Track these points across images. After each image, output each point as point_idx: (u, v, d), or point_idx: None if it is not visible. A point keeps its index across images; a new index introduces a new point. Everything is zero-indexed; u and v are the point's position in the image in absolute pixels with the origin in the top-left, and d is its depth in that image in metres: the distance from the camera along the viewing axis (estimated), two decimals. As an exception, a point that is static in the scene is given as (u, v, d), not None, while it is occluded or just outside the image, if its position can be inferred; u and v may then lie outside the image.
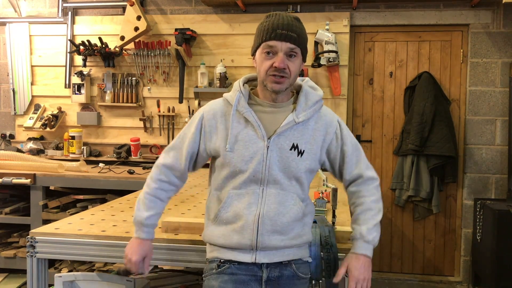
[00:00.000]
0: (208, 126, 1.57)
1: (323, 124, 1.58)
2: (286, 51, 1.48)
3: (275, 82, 1.49)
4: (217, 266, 1.54)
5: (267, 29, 1.49)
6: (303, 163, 1.53)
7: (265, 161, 1.50)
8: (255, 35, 1.55)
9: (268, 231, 1.49)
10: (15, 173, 3.54)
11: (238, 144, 1.52)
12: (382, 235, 4.19)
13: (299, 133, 1.53)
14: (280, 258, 1.53)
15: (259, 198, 1.51)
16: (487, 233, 3.52)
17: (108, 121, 4.34)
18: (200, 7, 4.19)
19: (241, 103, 1.54)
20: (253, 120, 1.52)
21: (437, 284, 4.00)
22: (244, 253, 1.51)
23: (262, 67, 1.50)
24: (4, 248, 3.67)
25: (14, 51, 4.40)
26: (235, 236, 1.50)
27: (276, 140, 1.51)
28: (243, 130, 1.52)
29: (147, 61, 4.22)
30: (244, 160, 1.50)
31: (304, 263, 1.60)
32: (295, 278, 1.55)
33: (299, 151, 1.52)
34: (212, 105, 1.61)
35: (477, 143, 3.93)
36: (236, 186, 1.52)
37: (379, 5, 3.97)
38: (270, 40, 1.48)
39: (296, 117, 1.52)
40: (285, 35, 1.47)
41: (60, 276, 1.94)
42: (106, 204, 2.53)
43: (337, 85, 3.93)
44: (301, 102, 1.55)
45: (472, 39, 3.90)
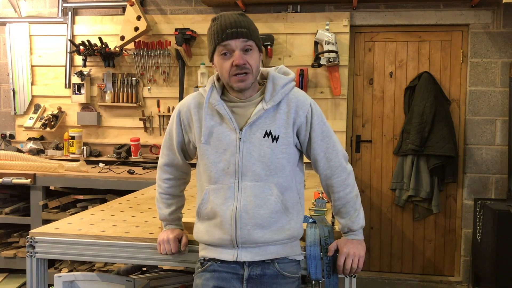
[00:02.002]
0: (185, 119, 1.62)
1: (293, 106, 1.56)
2: (241, 47, 1.49)
3: (240, 81, 1.50)
4: (201, 265, 1.59)
5: (217, 32, 1.51)
6: (279, 148, 1.52)
7: (238, 153, 1.51)
8: (207, 42, 1.57)
9: (247, 224, 1.49)
10: (15, 173, 3.54)
11: (211, 136, 1.54)
12: (382, 235, 4.20)
13: (271, 119, 1.53)
14: (263, 256, 1.52)
15: (234, 192, 1.51)
16: (487, 233, 3.52)
17: (108, 121, 4.34)
18: (200, 7, 4.19)
19: (213, 96, 1.56)
20: (225, 113, 1.53)
21: (437, 284, 4.00)
22: (226, 250, 1.52)
23: (223, 69, 1.51)
24: (4, 248, 3.68)
25: (14, 51, 4.40)
26: (217, 231, 1.52)
27: (248, 130, 1.52)
28: (216, 122, 1.55)
29: (147, 61, 4.22)
30: (218, 152, 1.53)
31: (291, 262, 1.57)
32: (280, 278, 1.54)
33: (274, 137, 1.52)
34: (187, 98, 1.65)
35: (477, 143, 3.93)
36: (212, 181, 1.54)
37: (379, 5, 3.97)
38: (223, 41, 1.49)
39: (265, 105, 1.53)
40: (235, 32, 1.49)
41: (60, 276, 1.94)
42: (106, 204, 2.53)
43: (337, 85, 3.93)
44: (269, 88, 1.55)
45: (472, 39, 3.90)
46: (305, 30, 3.99)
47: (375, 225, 4.15)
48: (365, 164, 4.14)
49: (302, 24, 4.01)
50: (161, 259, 1.81)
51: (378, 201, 4.14)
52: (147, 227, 2.00)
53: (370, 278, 4.08)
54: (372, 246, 4.16)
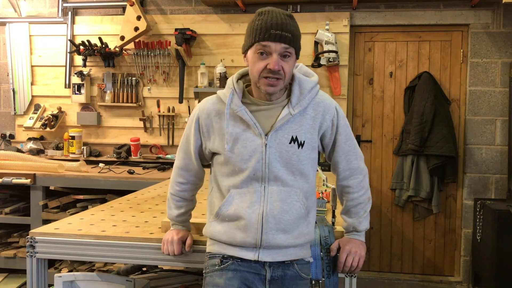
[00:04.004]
0: (205, 126, 1.56)
1: (320, 111, 1.54)
2: (281, 51, 1.43)
3: (269, 85, 1.45)
4: (220, 262, 1.53)
5: (260, 29, 1.43)
6: (304, 153, 1.50)
7: (264, 159, 1.48)
8: (246, 33, 1.49)
9: (272, 229, 1.47)
10: (15, 173, 3.54)
11: (236, 143, 1.49)
12: (382, 235, 4.20)
13: (297, 124, 1.50)
14: (283, 257, 1.51)
15: (261, 197, 1.48)
16: (487, 233, 3.52)
17: (108, 121, 4.34)
18: (200, 7, 4.19)
19: (234, 101, 1.50)
20: (248, 119, 1.48)
21: (437, 284, 4.00)
22: (247, 251, 1.49)
23: (255, 68, 1.45)
24: (4, 248, 3.68)
25: (14, 51, 4.40)
26: (239, 234, 1.49)
27: (274, 136, 1.48)
28: (239, 128, 1.50)
29: (147, 61, 4.22)
30: (244, 159, 1.48)
31: (306, 264, 1.59)
32: (298, 279, 1.54)
33: (299, 143, 1.49)
34: (206, 104, 1.58)
35: (477, 143, 3.93)
36: (237, 185, 1.50)
37: (379, 5, 3.97)
38: (264, 41, 1.42)
39: (292, 109, 1.49)
40: (279, 35, 1.42)
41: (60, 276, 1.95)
42: (106, 204, 2.53)
43: (337, 85, 3.93)
44: (295, 92, 1.51)
45: (472, 39, 3.91)
46: (305, 30, 3.99)
47: (375, 225, 4.15)
48: (365, 164, 4.13)
49: (302, 24, 3.96)
50: (161, 259, 1.80)
51: (378, 201, 4.14)
52: (147, 227, 2.00)
53: (370, 278, 4.08)
54: (372, 246, 4.16)
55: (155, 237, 1.84)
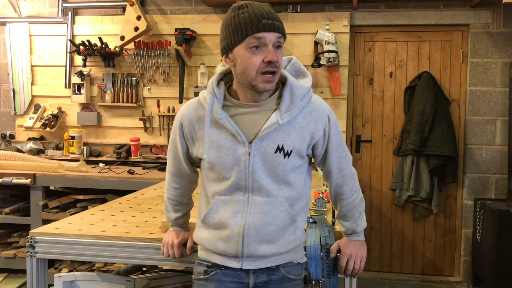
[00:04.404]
0: (188, 132, 1.51)
1: (312, 121, 1.44)
2: (274, 42, 1.35)
3: (267, 82, 1.36)
4: (205, 272, 1.52)
5: (250, 21, 1.32)
6: (291, 163, 1.43)
7: (248, 168, 1.40)
8: (227, 30, 1.37)
9: (254, 241, 1.43)
10: (15, 173, 3.54)
11: (218, 151, 1.42)
12: (382, 235, 4.19)
13: (285, 133, 1.41)
14: (268, 264, 1.48)
15: (244, 207, 1.43)
16: (487, 233, 3.52)
17: (108, 121, 4.34)
18: (200, 7, 4.19)
19: (215, 108, 1.41)
20: (230, 127, 1.40)
21: (437, 284, 4.00)
22: (230, 259, 1.47)
23: (251, 65, 1.34)
24: (4, 248, 3.68)
25: (14, 51, 4.40)
26: (221, 244, 1.46)
27: (258, 144, 1.40)
28: (222, 136, 1.42)
29: (147, 61, 4.22)
30: (227, 167, 1.42)
31: (295, 265, 1.55)
32: (286, 281, 1.51)
33: (286, 152, 1.41)
34: (187, 109, 1.51)
35: (477, 143, 3.93)
36: (221, 192, 1.46)
37: (379, 5, 3.97)
38: (258, 32, 1.32)
39: (280, 118, 1.39)
40: (272, 25, 1.33)
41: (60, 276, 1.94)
42: (106, 204, 2.53)
43: (337, 85, 3.93)
44: (286, 99, 1.40)
45: (472, 39, 3.90)
46: (305, 30, 4.00)
47: (375, 225, 4.15)
48: (365, 164, 4.14)
49: (302, 24, 4.01)
50: (161, 259, 1.80)
51: (378, 201, 4.14)
52: (147, 227, 2.00)
53: (370, 278, 4.08)
54: (372, 246, 4.16)
55: (155, 237, 1.83)
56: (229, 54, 1.39)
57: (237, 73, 1.40)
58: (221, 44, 1.41)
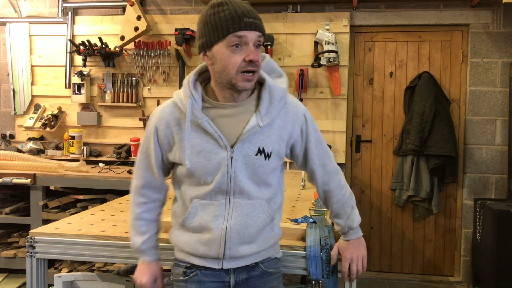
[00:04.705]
0: (164, 137, 1.44)
1: (289, 121, 1.45)
2: (255, 41, 1.32)
3: (247, 80, 1.34)
4: (184, 273, 1.48)
5: (231, 19, 1.29)
6: (271, 165, 1.43)
7: (230, 172, 1.38)
8: (205, 28, 1.34)
9: (236, 244, 1.42)
10: (15, 173, 3.54)
11: (199, 156, 1.39)
12: (382, 235, 4.19)
13: (264, 135, 1.41)
14: (248, 262, 1.48)
15: (225, 210, 1.41)
16: (487, 233, 3.52)
17: (108, 121, 4.34)
18: (200, 7, 4.19)
19: (195, 112, 1.38)
20: (212, 131, 1.37)
21: (437, 284, 4.00)
22: (210, 261, 1.45)
23: (231, 64, 1.31)
24: (4, 248, 3.67)
25: (14, 51, 4.40)
26: (201, 247, 1.43)
27: (240, 148, 1.38)
28: (202, 140, 1.39)
29: (147, 61, 4.22)
30: (208, 172, 1.39)
31: (274, 259, 1.55)
32: (266, 275, 1.51)
33: (266, 154, 1.40)
34: (162, 113, 1.45)
35: (477, 143, 3.93)
36: (200, 196, 1.42)
37: (379, 5, 3.97)
38: (240, 31, 1.29)
39: (260, 121, 1.38)
40: (254, 23, 1.31)
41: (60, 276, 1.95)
42: (105, 204, 2.53)
43: (337, 85, 3.93)
44: (265, 101, 1.40)
45: (472, 39, 3.90)
46: (305, 30, 4.00)
47: (375, 225, 4.15)
48: (365, 164, 4.14)
49: (302, 24, 4.01)
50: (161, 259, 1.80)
51: (378, 201, 4.14)
52: (147, 227, 1.99)
53: (370, 278, 4.08)
54: (372, 246, 4.16)
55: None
56: (207, 52, 1.37)
57: (215, 71, 1.37)
58: (199, 42, 1.38)
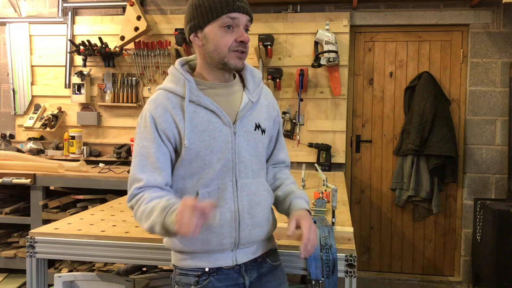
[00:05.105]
0: (164, 123, 1.38)
1: (270, 101, 1.56)
2: (245, 24, 1.40)
3: (239, 58, 1.39)
4: (196, 282, 1.41)
5: (226, 1, 1.35)
6: (265, 140, 1.52)
7: (234, 148, 1.41)
8: (197, 10, 1.38)
9: (248, 225, 1.42)
10: (15, 173, 3.54)
11: (203, 135, 1.38)
12: (382, 235, 4.18)
13: (257, 111, 1.49)
14: (256, 253, 1.48)
15: (233, 192, 1.41)
16: (487, 233, 3.52)
17: (108, 121, 4.34)
18: (200, 7, 4.18)
19: (194, 91, 1.39)
20: (214, 108, 1.39)
21: (437, 284, 4.00)
22: (223, 255, 1.42)
23: (223, 43, 1.36)
24: (4, 248, 3.68)
25: (14, 51, 4.40)
26: (214, 238, 1.38)
27: (240, 123, 1.43)
28: (204, 119, 1.39)
29: (147, 61, 4.22)
30: (214, 151, 1.38)
31: (275, 251, 1.57)
32: (273, 270, 1.53)
33: (262, 129, 1.48)
34: (156, 101, 1.41)
35: (477, 143, 3.93)
36: (205, 183, 1.38)
37: (379, 5, 3.97)
38: (233, 12, 1.35)
39: (251, 97, 1.47)
40: (245, 8, 1.39)
41: (60, 276, 1.95)
42: (105, 204, 2.53)
43: (337, 85, 3.93)
44: (249, 80, 1.50)
45: (472, 39, 3.90)
46: (305, 30, 4.00)
47: (375, 225, 4.15)
48: (365, 164, 4.13)
49: (302, 24, 4.01)
50: (161, 259, 1.80)
51: (378, 201, 4.14)
52: (147, 227, 2.00)
53: (370, 278, 4.08)
54: (372, 246, 4.16)
55: (154, 237, 1.83)
56: (199, 33, 1.40)
57: (207, 51, 1.40)
58: (190, 23, 1.41)
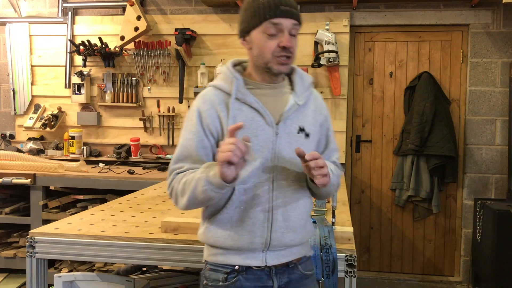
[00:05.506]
0: (208, 118, 1.41)
1: (318, 106, 1.53)
2: (290, 29, 1.38)
3: (282, 64, 1.40)
4: (225, 279, 1.41)
5: (268, 6, 1.35)
6: (309, 145, 1.45)
7: (275, 148, 1.40)
8: (246, 14, 1.41)
9: (281, 227, 1.40)
10: (15, 173, 3.54)
11: (245, 132, 1.35)
12: (382, 235, 4.19)
13: (302, 114, 1.47)
14: (288, 257, 1.45)
15: (268, 192, 1.40)
16: (487, 233, 3.52)
17: (108, 121, 4.34)
18: (200, 7, 4.19)
19: (241, 89, 1.41)
20: (259, 107, 1.40)
21: (437, 284, 4.00)
22: (253, 255, 1.41)
23: (266, 48, 1.38)
24: (4, 248, 3.68)
25: (14, 51, 4.40)
26: (246, 236, 1.39)
27: (283, 125, 1.42)
28: (248, 117, 1.40)
29: (147, 61, 4.22)
30: (254, 149, 1.36)
31: (308, 259, 1.54)
32: (304, 278, 1.50)
33: (306, 133, 1.45)
34: (204, 96, 1.45)
35: (477, 143, 3.93)
36: (242, 180, 1.36)
37: (379, 5, 3.97)
38: (275, 18, 1.35)
39: (298, 99, 1.46)
40: (290, 11, 1.37)
41: (60, 276, 1.95)
42: (105, 204, 2.53)
43: (337, 85, 3.93)
44: (298, 83, 1.49)
45: (472, 39, 3.90)
46: (305, 30, 3.99)
47: (375, 225, 4.15)
48: (365, 164, 4.13)
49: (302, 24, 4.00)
50: (161, 259, 1.81)
51: (378, 201, 4.14)
52: (147, 227, 2.00)
53: (370, 278, 4.08)
54: (372, 246, 4.16)
55: (154, 237, 1.84)
56: (246, 37, 1.43)
57: (253, 55, 1.44)
58: (239, 28, 1.46)
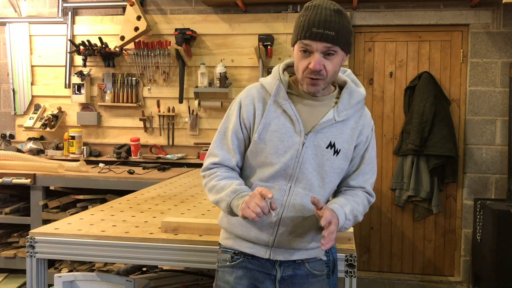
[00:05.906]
0: (245, 111, 1.48)
1: (361, 125, 1.51)
2: (323, 50, 1.37)
3: (311, 85, 1.41)
4: (231, 258, 1.50)
5: (302, 26, 1.37)
6: (337, 162, 1.46)
7: (299, 157, 1.42)
8: (294, 27, 1.43)
9: (288, 232, 1.44)
10: (15, 173, 3.54)
11: (273, 135, 1.44)
12: (382, 235, 4.18)
13: (338, 131, 1.46)
14: (295, 257, 1.48)
15: (284, 196, 1.43)
16: (487, 233, 3.52)
17: (108, 121, 4.34)
18: (200, 7, 4.19)
19: (281, 93, 1.45)
20: (292, 114, 1.43)
21: (437, 284, 4.00)
22: (260, 247, 1.47)
23: (300, 66, 1.41)
24: (4, 248, 3.68)
25: (14, 51, 4.40)
26: (254, 230, 1.45)
27: (313, 137, 1.43)
28: (280, 121, 1.44)
29: (147, 61, 4.22)
30: (277, 152, 1.43)
31: (319, 261, 1.55)
32: (310, 277, 1.51)
33: (336, 150, 1.45)
34: (249, 91, 1.52)
35: (477, 143, 3.93)
36: (263, 178, 1.45)
37: (379, 5, 3.97)
38: (305, 39, 1.37)
39: (337, 115, 1.45)
40: (320, 34, 1.35)
41: (60, 276, 1.95)
42: (105, 204, 2.53)
43: (337, 85, 3.92)
44: (344, 99, 1.47)
45: (472, 39, 3.90)
46: (305, 30, 3.99)
47: (375, 225, 4.15)
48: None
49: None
50: (161, 259, 1.81)
51: (378, 201, 4.14)
52: (147, 227, 2.00)
53: (370, 278, 4.08)
54: (372, 246, 4.16)
55: (154, 237, 1.84)
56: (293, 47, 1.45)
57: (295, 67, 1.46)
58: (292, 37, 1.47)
